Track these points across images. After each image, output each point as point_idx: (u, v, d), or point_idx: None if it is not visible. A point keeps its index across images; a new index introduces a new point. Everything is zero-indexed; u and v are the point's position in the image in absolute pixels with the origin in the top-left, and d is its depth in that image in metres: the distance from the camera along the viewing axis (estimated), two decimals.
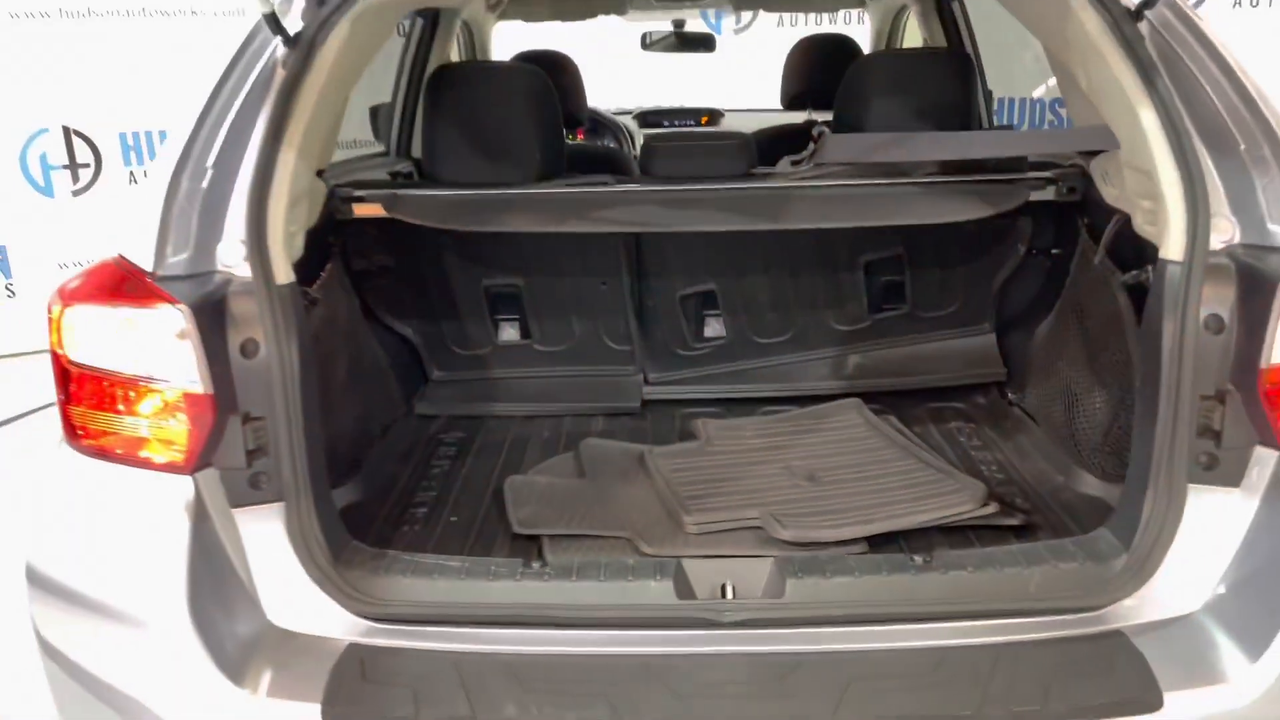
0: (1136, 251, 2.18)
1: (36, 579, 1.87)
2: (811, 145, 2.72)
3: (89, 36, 6.14)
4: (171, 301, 1.77)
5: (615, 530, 2.20)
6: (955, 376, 3.00)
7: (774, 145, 3.04)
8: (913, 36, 4.50)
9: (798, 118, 4.21)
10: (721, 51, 7.31)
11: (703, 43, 5.35)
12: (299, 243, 2.13)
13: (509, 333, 3.10)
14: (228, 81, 2.06)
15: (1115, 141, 2.15)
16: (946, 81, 2.76)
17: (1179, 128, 1.89)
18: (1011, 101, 6.22)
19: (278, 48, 2.07)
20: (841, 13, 6.91)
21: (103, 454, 1.85)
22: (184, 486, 1.80)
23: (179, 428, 1.80)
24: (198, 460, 1.81)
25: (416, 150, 3.77)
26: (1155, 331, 1.85)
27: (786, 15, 7.74)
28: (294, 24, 2.09)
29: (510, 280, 2.97)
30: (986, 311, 3.05)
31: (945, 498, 2.25)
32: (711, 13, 7.96)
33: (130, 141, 6.57)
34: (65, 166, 6.33)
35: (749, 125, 4.24)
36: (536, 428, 2.87)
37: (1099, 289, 2.33)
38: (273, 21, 2.00)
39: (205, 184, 1.92)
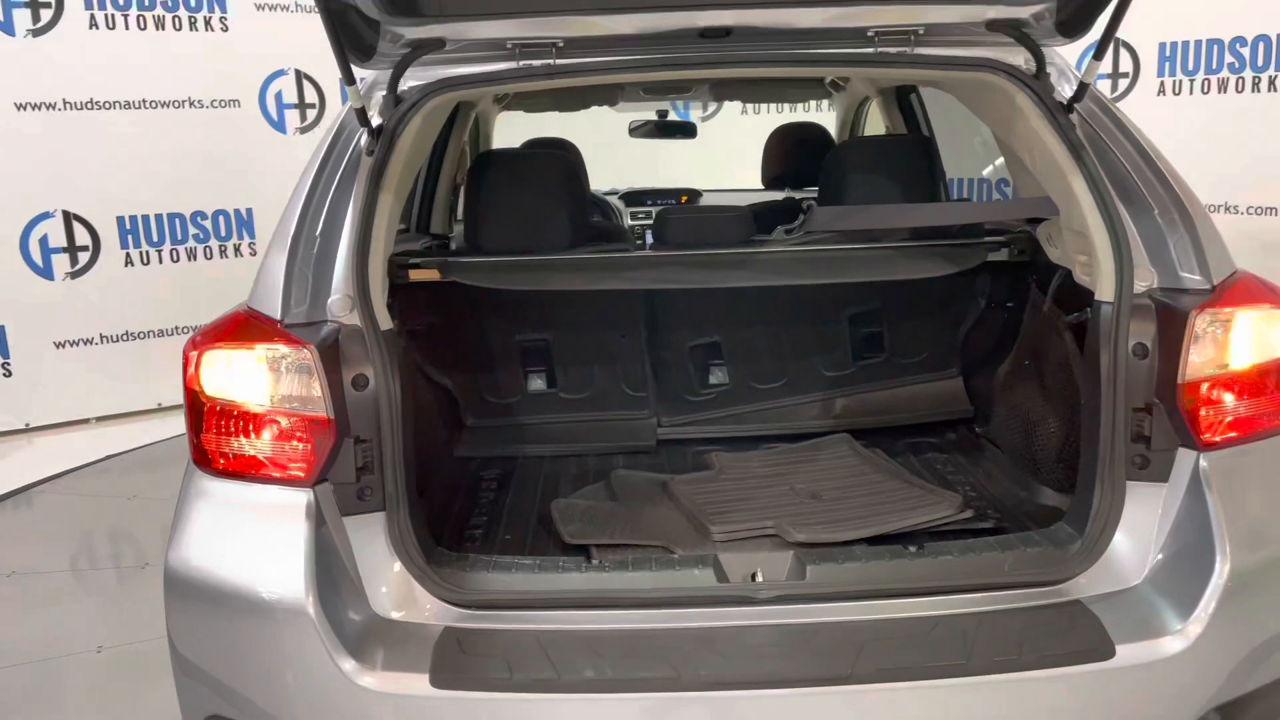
0: (1076, 298, 2.64)
1: (176, 585, 2.19)
2: (801, 216, 3.19)
3: (91, 126, 6.50)
4: (301, 343, 2.16)
5: (653, 539, 2.58)
6: (929, 414, 3.44)
7: (762, 218, 3.51)
8: (874, 124, 5.05)
9: (777, 196, 4.71)
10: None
11: (685, 130, 5.87)
12: (387, 297, 2.52)
13: (537, 383, 3.50)
14: (326, 165, 2.47)
15: (1055, 209, 2.63)
16: (914, 162, 3.26)
17: (1105, 197, 2.37)
18: (961, 180, 6.81)
19: (362, 136, 2.49)
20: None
21: (234, 474, 2.20)
22: (305, 498, 2.16)
23: (302, 448, 2.17)
24: (317, 476, 2.17)
25: (435, 227, 4.21)
26: (1094, 359, 2.30)
27: (751, 105, 8.32)
28: (375, 117, 2.52)
29: (541, 335, 3.38)
30: (953, 357, 3.51)
31: (929, 507, 2.67)
32: (681, 103, 8.58)
33: (128, 225, 6.88)
34: (64, 249, 6.59)
35: (727, 203, 4.74)
36: (565, 465, 3.25)
37: (1048, 332, 2.79)
38: (361, 116, 2.42)
39: (315, 250, 2.33)
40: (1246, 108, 5.75)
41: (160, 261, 6.98)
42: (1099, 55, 2.37)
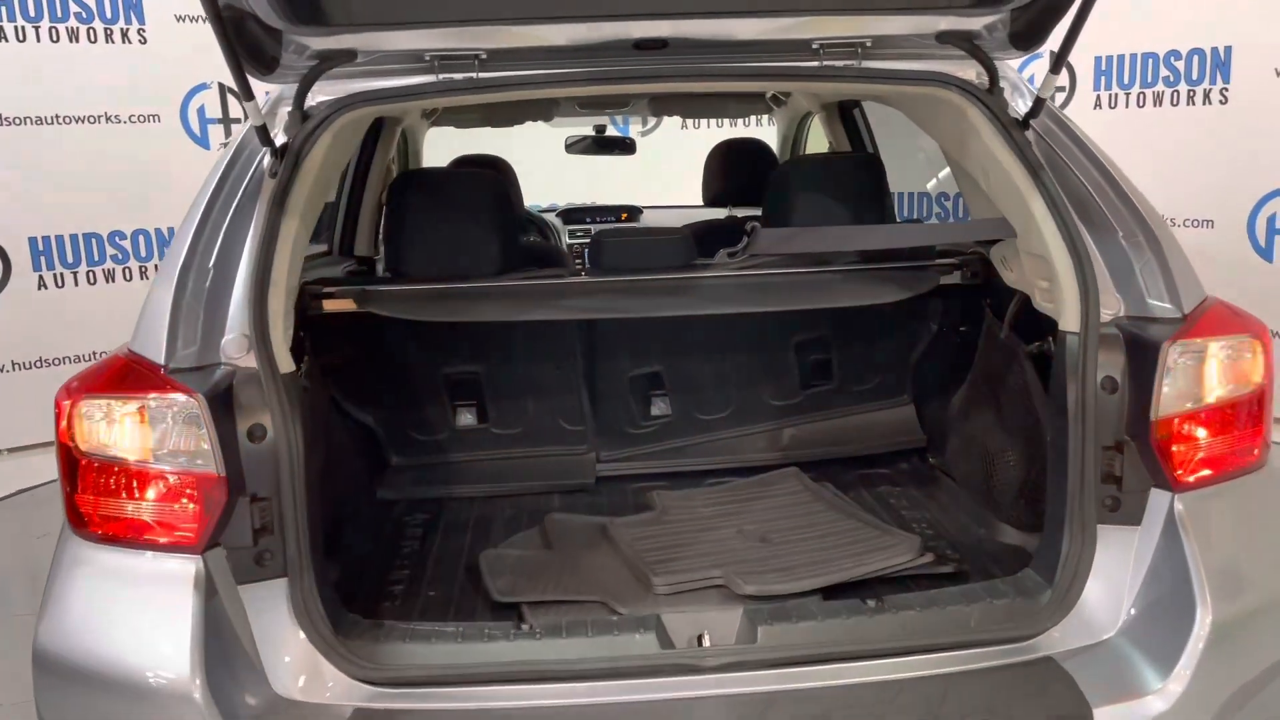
0: (1036, 325, 2.49)
1: (48, 665, 1.93)
2: (745, 239, 3.01)
3: (0, 143, 6.12)
4: (187, 392, 1.92)
5: (590, 595, 2.37)
6: (880, 444, 3.27)
7: (703, 238, 3.33)
8: (817, 139, 4.92)
9: (718, 213, 4.55)
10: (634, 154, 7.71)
11: (623, 145, 5.69)
12: (290, 335, 2.29)
13: (466, 418, 3.27)
14: (223, 188, 2.24)
15: (1012, 231, 2.48)
16: (862, 181, 3.10)
17: (1066, 218, 2.22)
18: (904, 195, 6.73)
19: (265, 157, 2.26)
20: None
21: (113, 539, 1.95)
22: (194, 566, 1.92)
23: (191, 509, 1.93)
24: (208, 540, 1.93)
25: (360, 249, 3.96)
26: (1060, 394, 2.14)
27: (690, 120, 8.19)
28: (279, 135, 2.29)
29: (469, 368, 3.16)
30: (905, 384, 3.35)
31: (885, 551, 2.49)
32: (620, 118, 8.41)
33: (40, 246, 6.52)
34: None
35: (666, 221, 4.57)
36: (498, 507, 3.03)
37: (1006, 360, 2.64)
38: (263, 134, 2.19)
39: (208, 283, 2.09)
40: (1181, 120, 5.74)
41: (76, 284, 6.61)
42: (1055, 69, 2.24)
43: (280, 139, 2.25)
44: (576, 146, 5.81)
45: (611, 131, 6.10)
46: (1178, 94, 5.81)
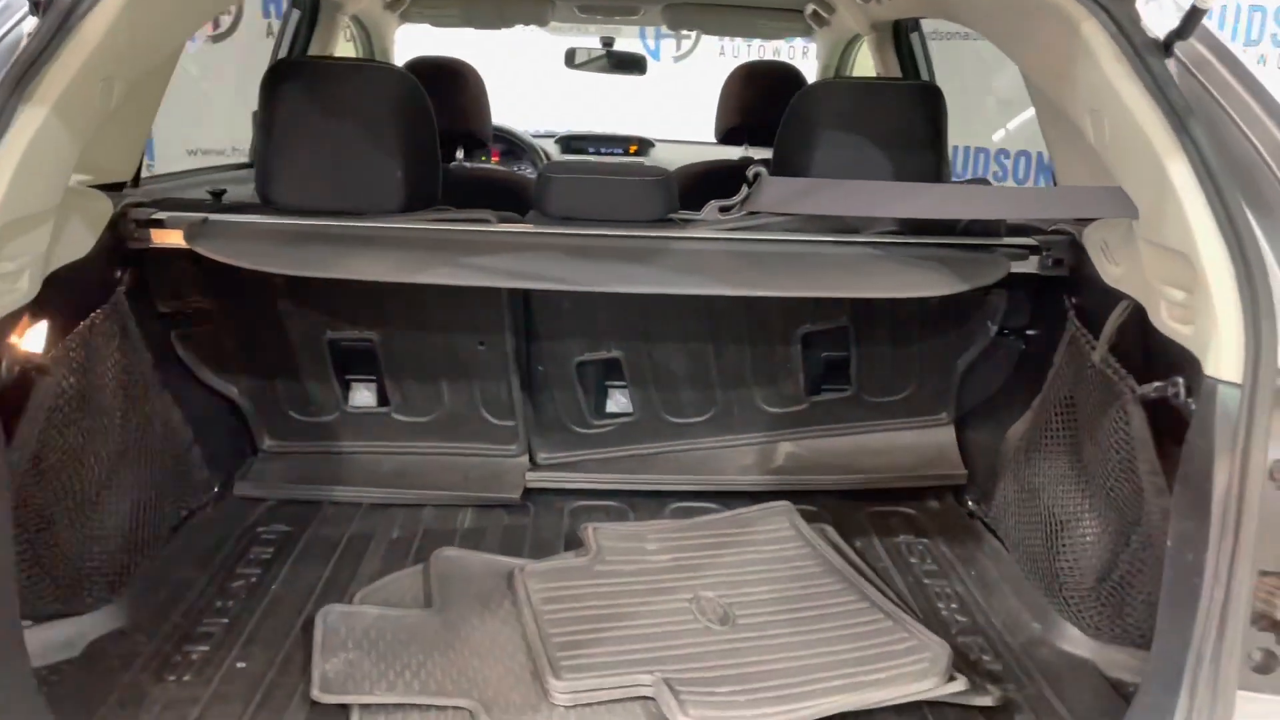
0: (1151, 353, 1.68)
1: None
2: (745, 189, 2.19)
3: None
4: None
5: (455, 697, 1.62)
6: (906, 476, 2.48)
7: (701, 185, 2.50)
8: (864, 71, 4.04)
9: (734, 153, 3.70)
10: (660, 80, 6.84)
11: (633, 64, 4.83)
12: (23, 284, 1.52)
13: (363, 396, 2.50)
14: None
15: (1131, 208, 1.66)
16: (914, 119, 2.26)
17: (1227, 198, 1.41)
18: (962, 150, 5.84)
19: (25, 16, 1.49)
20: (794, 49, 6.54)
21: None
22: None
23: None
24: None
25: None
26: (1201, 476, 1.34)
27: (729, 46, 7.31)
28: None
29: (361, 333, 2.38)
30: (946, 400, 2.53)
31: (900, 662, 1.71)
32: (651, 38, 7.52)
33: None
34: None
35: (680, 158, 3.73)
36: (385, 521, 2.28)
37: (1100, 394, 1.83)
38: None
39: None
40: None
41: None
42: None
43: None
44: (583, 62, 4.96)
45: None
46: None
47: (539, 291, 2.33)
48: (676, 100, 6.48)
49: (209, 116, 5.00)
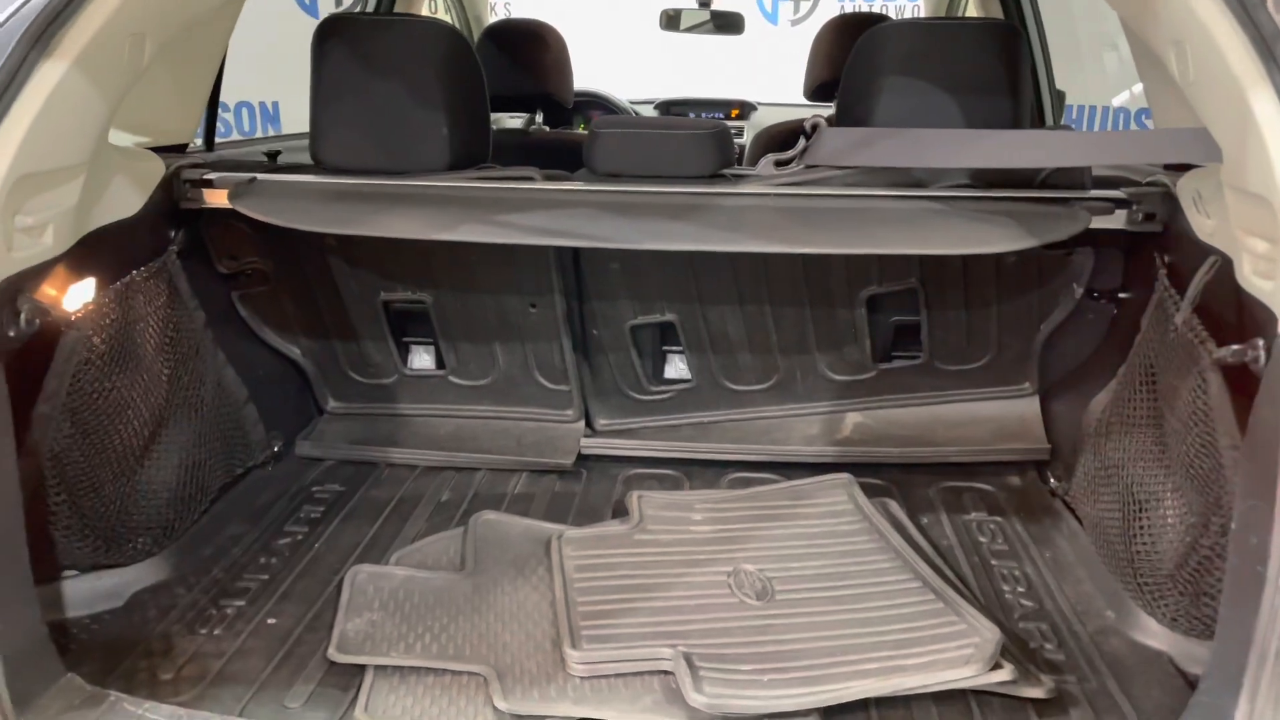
0: (1237, 314, 1.50)
1: None
2: (803, 140, 2.07)
3: None
4: None
5: (470, 663, 1.59)
6: (983, 450, 2.31)
7: (785, 145, 2.37)
8: None
9: (824, 112, 3.54)
10: (779, 44, 6.63)
11: (731, 25, 4.68)
12: (47, 239, 1.55)
13: (421, 358, 2.50)
14: None
15: (1215, 151, 1.48)
16: (988, 61, 2.08)
17: None
18: (1081, 109, 5.45)
19: None
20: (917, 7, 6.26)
21: None
22: None
23: None
24: None
25: None
26: (1267, 449, 1.18)
27: (850, 6, 7.04)
28: None
29: (414, 295, 2.36)
30: (1029, 368, 2.35)
31: (943, 647, 1.59)
32: (768, 1, 7.31)
33: None
34: None
35: (781, 120, 3.59)
36: (437, 484, 2.27)
37: (1181, 361, 1.64)
38: None
39: None
40: None
41: None
42: None
43: None
44: (685, 25, 4.84)
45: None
46: None
47: (587, 252, 2.26)
48: (793, 66, 6.30)
49: None
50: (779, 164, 2.09)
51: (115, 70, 1.62)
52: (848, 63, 2.22)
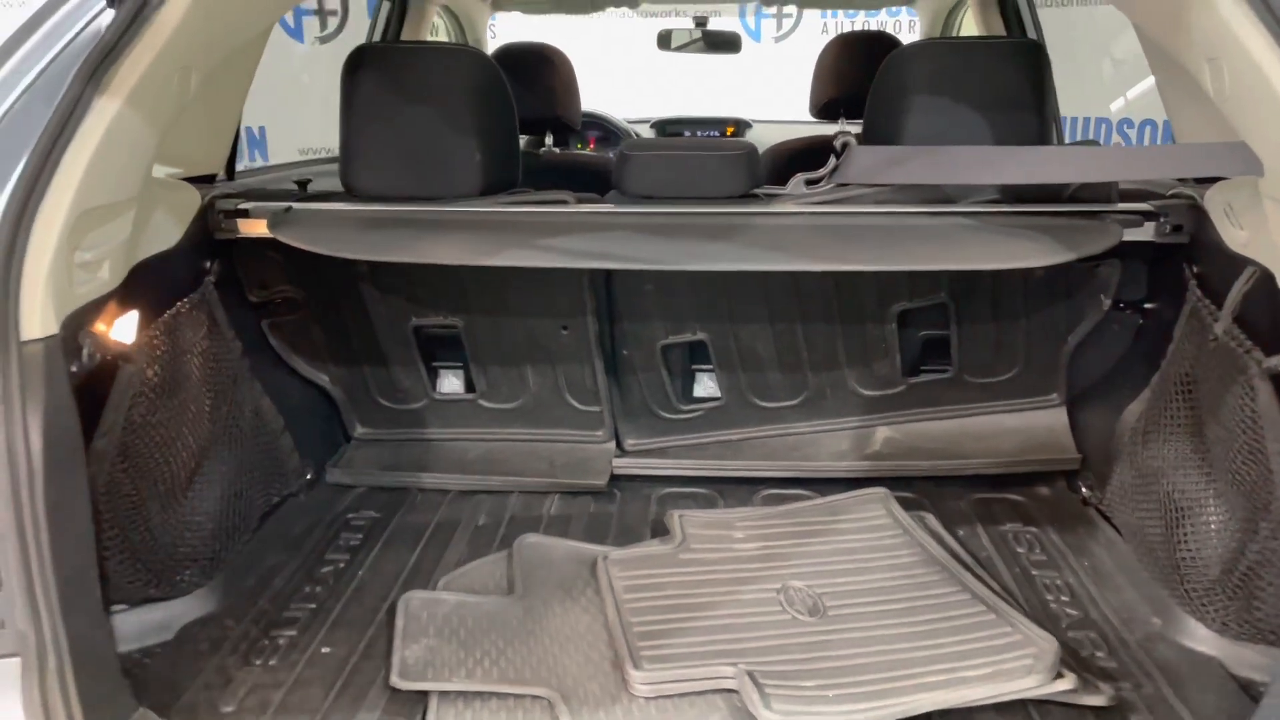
0: (1275, 322, 1.54)
1: None
2: (833, 160, 2.09)
3: None
4: None
5: (534, 686, 1.59)
6: (1013, 461, 2.34)
7: (794, 162, 2.41)
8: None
9: (829, 129, 3.57)
10: (761, 62, 6.69)
11: (728, 44, 4.74)
12: (104, 274, 1.55)
13: (451, 383, 2.50)
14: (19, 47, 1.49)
15: (1256, 164, 1.51)
16: (1013, 79, 2.12)
17: None
18: (1070, 121, 5.53)
19: (103, 11, 1.50)
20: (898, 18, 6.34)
21: None
22: None
23: None
24: None
25: None
26: None
27: (833, 24, 7.12)
28: None
29: (445, 320, 2.37)
30: (1056, 379, 2.39)
31: (1003, 658, 1.61)
32: (750, 18, 7.38)
33: None
34: None
35: (778, 138, 3.63)
36: (472, 508, 2.27)
37: (1223, 369, 1.68)
38: None
39: None
40: None
41: None
42: None
43: None
44: (677, 45, 4.89)
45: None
46: None
47: (619, 273, 2.27)
48: (778, 83, 6.34)
49: (321, 117, 5.14)
50: (809, 183, 2.12)
51: (164, 103, 1.63)
52: (874, 82, 2.25)
